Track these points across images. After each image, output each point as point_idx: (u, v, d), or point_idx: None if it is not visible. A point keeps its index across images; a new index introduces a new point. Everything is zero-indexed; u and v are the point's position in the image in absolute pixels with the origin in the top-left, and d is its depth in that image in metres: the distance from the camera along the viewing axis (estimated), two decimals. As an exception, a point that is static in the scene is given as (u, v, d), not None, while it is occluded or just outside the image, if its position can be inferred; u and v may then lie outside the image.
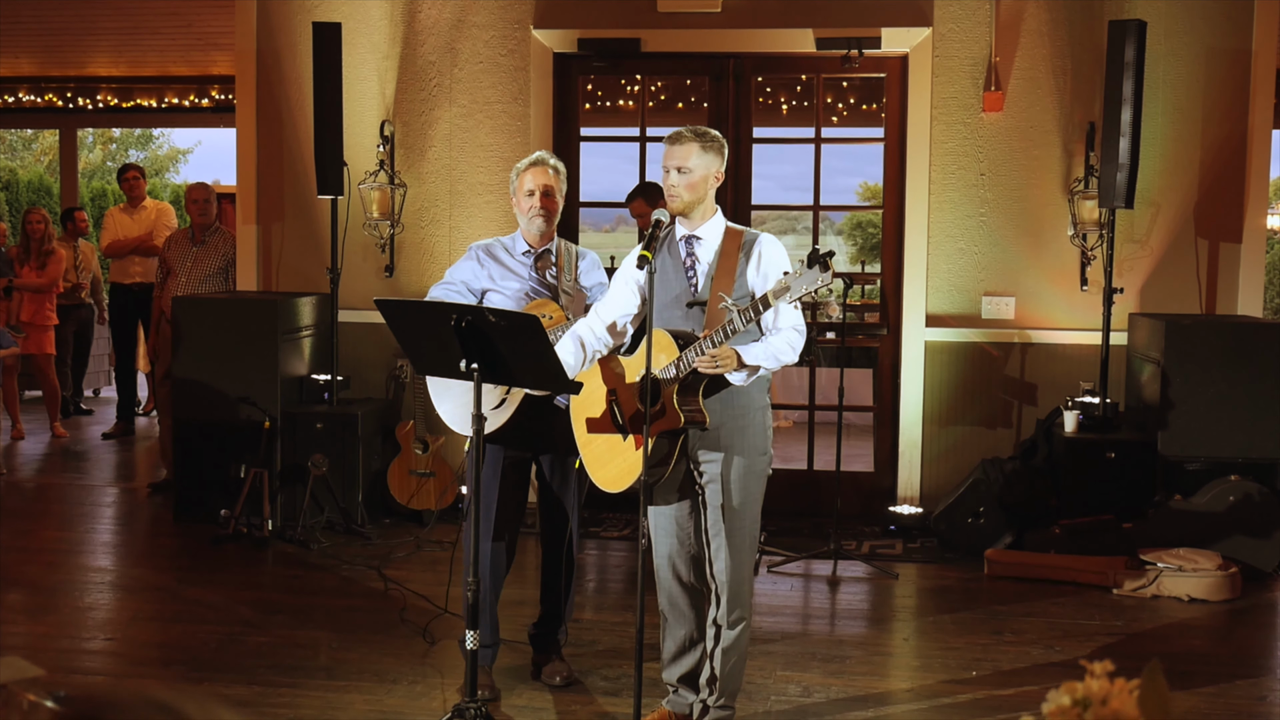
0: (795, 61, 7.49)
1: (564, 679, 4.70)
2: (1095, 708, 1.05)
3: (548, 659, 4.79)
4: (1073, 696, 1.07)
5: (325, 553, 6.50)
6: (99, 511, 7.61)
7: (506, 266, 4.65)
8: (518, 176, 4.66)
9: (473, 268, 4.67)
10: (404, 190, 7.49)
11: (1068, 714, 1.07)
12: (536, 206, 4.60)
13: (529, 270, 4.65)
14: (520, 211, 4.67)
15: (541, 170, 4.63)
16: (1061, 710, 1.08)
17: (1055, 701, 1.09)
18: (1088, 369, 6.98)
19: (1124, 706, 1.03)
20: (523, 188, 4.63)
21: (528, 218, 4.63)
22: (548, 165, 4.65)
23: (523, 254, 4.68)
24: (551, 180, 4.64)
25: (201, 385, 7.00)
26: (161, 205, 10.26)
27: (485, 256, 4.67)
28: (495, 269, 4.65)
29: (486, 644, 4.57)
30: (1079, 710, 1.06)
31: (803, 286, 3.64)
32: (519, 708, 4.53)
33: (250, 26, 7.62)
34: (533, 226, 4.64)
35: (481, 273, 4.64)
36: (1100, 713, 1.04)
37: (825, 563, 6.38)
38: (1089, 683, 1.07)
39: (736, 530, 4.02)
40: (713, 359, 3.79)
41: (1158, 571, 5.90)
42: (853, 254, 23.92)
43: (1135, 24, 6.47)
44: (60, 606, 5.70)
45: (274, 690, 4.62)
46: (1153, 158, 6.92)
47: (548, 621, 4.82)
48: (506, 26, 7.40)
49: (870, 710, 4.56)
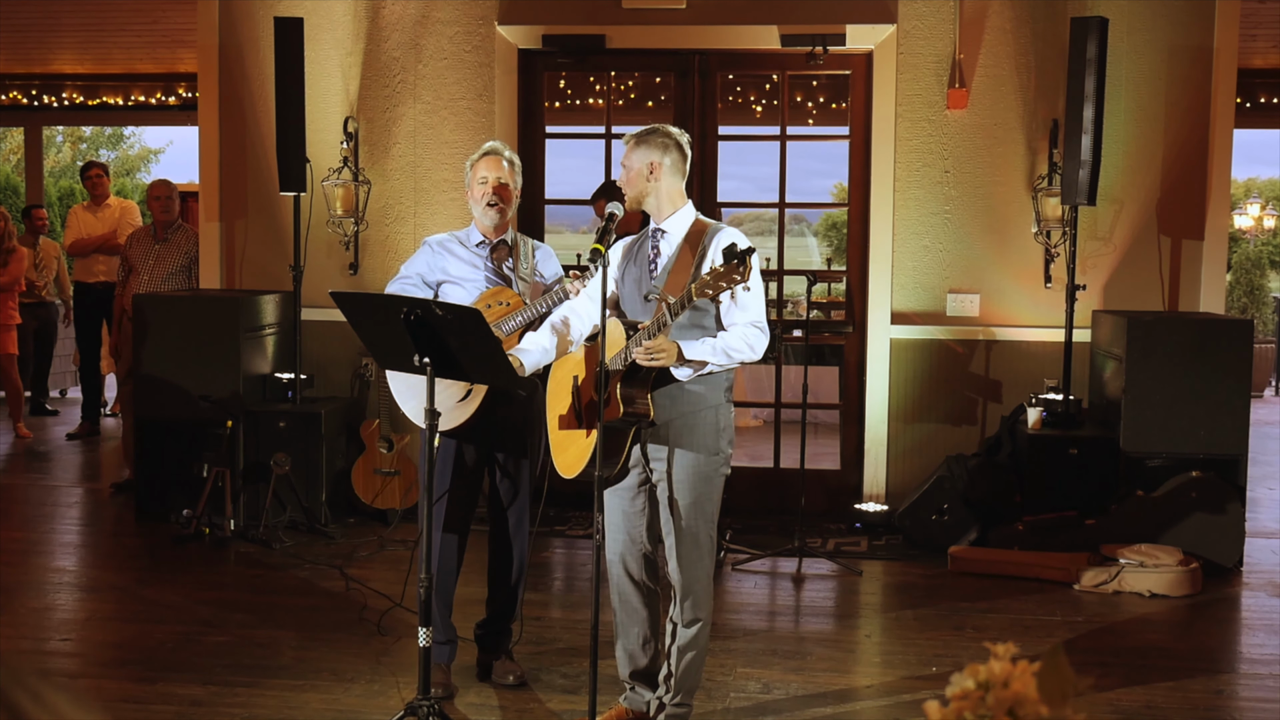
0: (761, 58, 7.49)
1: (516, 678, 4.66)
2: (996, 690, 1.03)
3: (497, 657, 4.74)
4: (975, 679, 1.06)
5: (288, 552, 6.46)
6: (61, 512, 7.54)
7: (461, 259, 4.61)
8: (471, 167, 4.62)
9: (427, 260, 4.62)
10: (368, 187, 7.45)
11: (971, 696, 1.06)
12: (490, 194, 4.56)
13: (485, 261, 4.61)
14: (474, 201, 4.62)
15: (495, 160, 4.59)
16: (965, 692, 1.07)
17: (959, 684, 1.08)
18: (1051, 366, 6.99)
19: (1024, 688, 1.02)
20: (475, 178, 4.59)
21: (481, 207, 4.58)
22: (501, 156, 4.60)
23: (477, 245, 4.63)
24: (505, 171, 4.59)
25: (163, 383, 6.94)
26: (126, 203, 10.18)
27: (439, 249, 4.63)
28: (450, 262, 4.60)
29: (441, 641, 4.54)
30: (981, 692, 1.05)
31: (721, 282, 3.64)
32: (475, 705, 4.51)
33: (213, 21, 7.57)
34: (486, 217, 4.59)
35: (436, 265, 4.60)
36: (1001, 695, 1.03)
37: (790, 560, 6.37)
38: (991, 665, 1.05)
39: (688, 530, 3.99)
40: (647, 351, 3.78)
41: (1119, 567, 5.92)
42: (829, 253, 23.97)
43: (1097, 21, 6.49)
44: (17, 607, 5.64)
45: (230, 690, 4.58)
46: (1115, 155, 6.95)
47: (496, 620, 4.76)
48: (471, 22, 7.38)
49: (830, 707, 4.55)
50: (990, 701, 1.03)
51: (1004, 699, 1.02)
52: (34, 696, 0.76)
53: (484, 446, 4.60)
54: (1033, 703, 1.01)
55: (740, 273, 3.60)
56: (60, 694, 0.77)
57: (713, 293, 3.68)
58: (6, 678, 0.76)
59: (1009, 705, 1.02)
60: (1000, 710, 1.02)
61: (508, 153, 4.64)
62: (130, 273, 7.98)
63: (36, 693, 0.77)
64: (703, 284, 3.68)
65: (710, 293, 3.68)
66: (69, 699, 0.78)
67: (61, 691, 0.78)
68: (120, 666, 4.87)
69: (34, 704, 0.76)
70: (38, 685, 0.77)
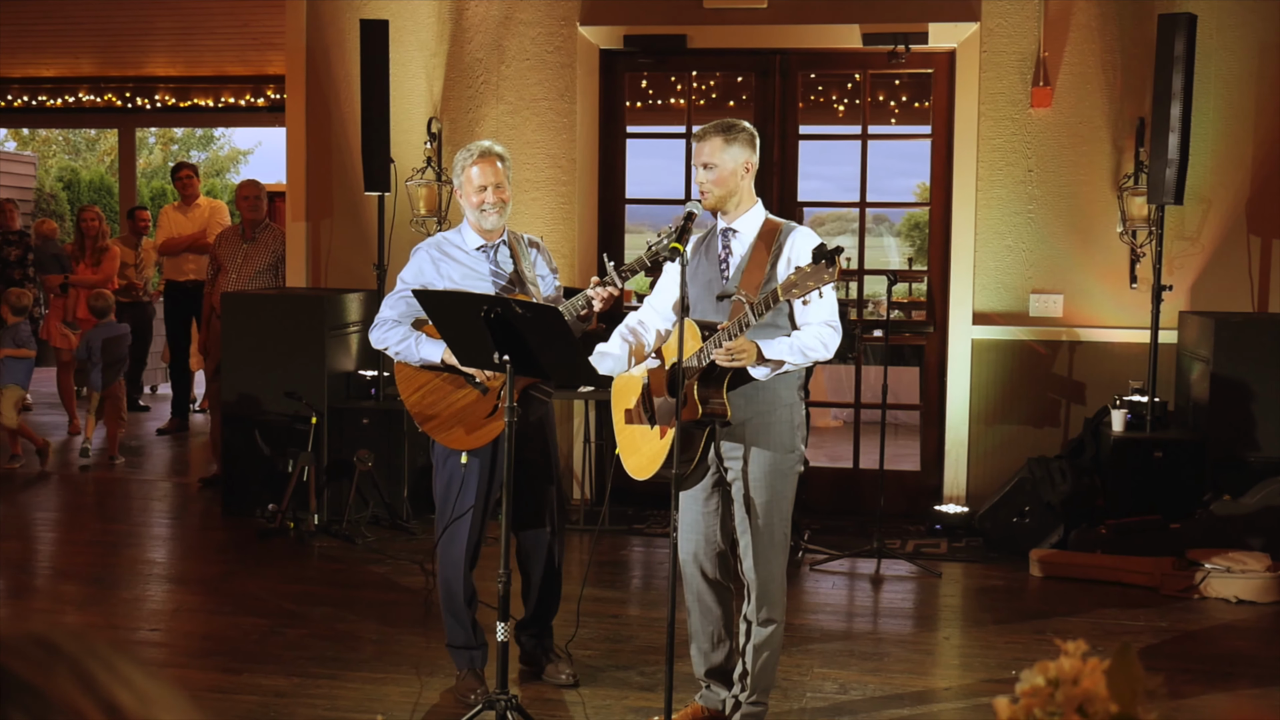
0: (842, 57, 7.46)
1: (570, 677, 4.64)
2: (1066, 686, 1.04)
3: (546, 658, 4.71)
4: (1045, 676, 1.07)
5: (369, 547, 6.55)
6: (151, 505, 7.72)
7: (462, 263, 4.45)
8: (463, 170, 4.41)
9: (430, 268, 4.44)
10: (450, 187, 7.53)
11: (1040, 693, 1.06)
12: (490, 201, 4.39)
13: (488, 264, 4.47)
14: (470, 206, 4.43)
15: (491, 163, 4.39)
16: (1034, 689, 1.07)
17: (1028, 681, 1.08)
18: (1136, 367, 6.89)
19: (1094, 685, 1.02)
20: (473, 182, 4.39)
21: (479, 212, 4.41)
22: (497, 155, 4.42)
23: (476, 249, 4.47)
24: (501, 173, 4.41)
25: (250, 380, 7.08)
26: (215, 203, 10.39)
27: (439, 256, 4.46)
28: (453, 269, 4.43)
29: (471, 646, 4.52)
30: (1050, 689, 1.05)
31: (809, 282, 3.62)
32: (551, 701, 4.54)
33: (300, 24, 7.71)
34: (486, 221, 4.42)
35: (439, 273, 4.43)
36: (1070, 691, 1.03)
37: (869, 561, 6.34)
38: (1061, 662, 1.06)
39: (763, 529, 4.00)
40: (728, 352, 3.78)
41: (1205, 572, 5.82)
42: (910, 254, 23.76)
43: (1185, 18, 6.38)
44: (109, 597, 5.79)
45: (313, 682, 4.66)
46: (1203, 153, 6.82)
47: (535, 623, 4.71)
48: (553, 23, 7.43)
49: (907, 708, 4.53)
50: (1059, 698, 1.04)
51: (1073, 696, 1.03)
52: (107, 666, 0.79)
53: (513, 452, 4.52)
54: (1103, 700, 1.02)
55: (830, 273, 3.59)
56: (133, 665, 0.80)
57: (800, 293, 3.64)
58: (79, 648, 0.79)
59: (1078, 702, 1.03)
60: (1069, 707, 1.03)
61: (499, 149, 4.44)
62: (219, 271, 8.15)
63: (110, 662, 0.79)
64: (789, 284, 3.66)
65: (797, 293, 3.65)
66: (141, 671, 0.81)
67: (134, 663, 0.81)
68: (207, 657, 4.98)
69: (107, 673, 0.79)
70: (110, 655, 0.80)
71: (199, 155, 25.00)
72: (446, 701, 4.50)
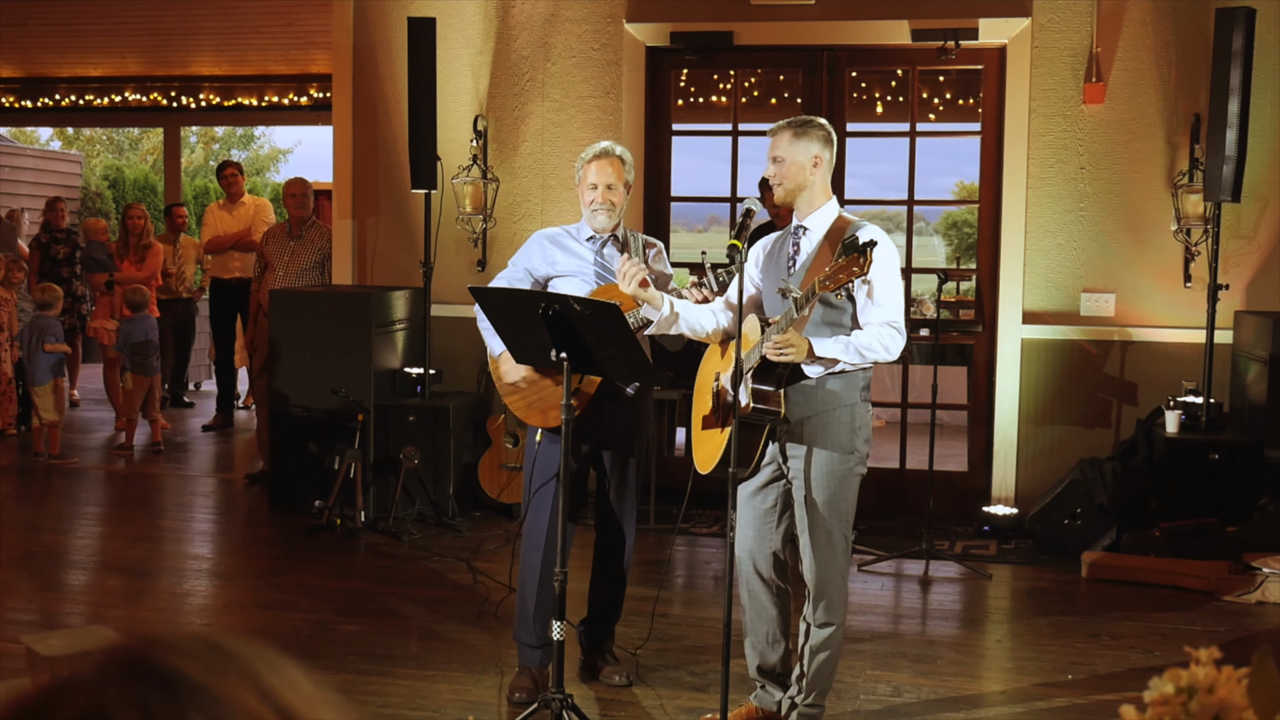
0: (890, 54, 7.40)
1: (624, 678, 4.62)
2: (1201, 695, 0.99)
3: (601, 657, 4.70)
4: (1177, 684, 1.02)
5: (416, 544, 6.54)
6: (197, 501, 7.74)
7: (571, 251, 4.55)
8: (582, 167, 4.52)
9: (538, 254, 4.58)
10: (496, 185, 7.52)
11: (1172, 703, 1.02)
12: (599, 201, 4.46)
13: (594, 255, 4.54)
14: (583, 204, 4.56)
15: (606, 163, 4.48)
16: (1165, 698, 1.03)
17: (1159, 689, 1.04)
18: (1190, 368, 6.79)
19: (1231, 695, 0.98)
20: (586, 180, 4.50)
21: (589, 210, 4.51)
22: (614, 156, 4.50)
23: (587, 239, 4.57)
24: (616, 174, 4.48)
25: (297, 377, 7.09)
26: (260, 201, 10.43)
27: (549, 244, 4.58)
28: (559, 255, 4.55)
29: (532, 644, 4.51)
30: (1184, 698, 1.01)
31: (840, 275, 3.56)
32: (604, 700, 4.52)
33: (347, 23, 7.71)
34: (595, 220, 4.51)
35: (545, 260, 4.55)
36: (1206, 701, 0.99)
37: (917, 562, 6.28)
38: (1194, 670, 1.01)
39: (821, 529, 3.95)
40: (776, 346, 3.73)
41: (1264, 577, 5.72)
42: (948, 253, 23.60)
43: (1244, 11, 6.28)
44: (158, 591, 5.80)
45: (364, 679, 4.65)
46: (1261, 150, 6.72)
47: (600, 621, 4.71)
48: (599, 20, 7.40)
49: (962, 712, 4.47)
50: (1194, 708, 0.99)
51: (1209, 705, 0.98)
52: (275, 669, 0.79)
53: (590, 445, 4.53)
54: (1241, 709, 0.97)
55: (860, 265, 3.53)
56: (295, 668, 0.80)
57: (832, 285, 3.58)
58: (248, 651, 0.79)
59: (1215, 712, 0.98)
60: (1205, 717, 0.99)
61: (619, 150, 4.52)
62: (266, 268, 8.17)
63: (276, 665, 0.79)
64: (824, 277, 3.62)
65: (830, 285, 3.59)
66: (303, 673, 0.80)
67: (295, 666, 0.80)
68: (257, 653, 4.97)
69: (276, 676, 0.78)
70: (275, 658, 0.79)
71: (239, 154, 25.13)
72: (497, 699, 4.48)
